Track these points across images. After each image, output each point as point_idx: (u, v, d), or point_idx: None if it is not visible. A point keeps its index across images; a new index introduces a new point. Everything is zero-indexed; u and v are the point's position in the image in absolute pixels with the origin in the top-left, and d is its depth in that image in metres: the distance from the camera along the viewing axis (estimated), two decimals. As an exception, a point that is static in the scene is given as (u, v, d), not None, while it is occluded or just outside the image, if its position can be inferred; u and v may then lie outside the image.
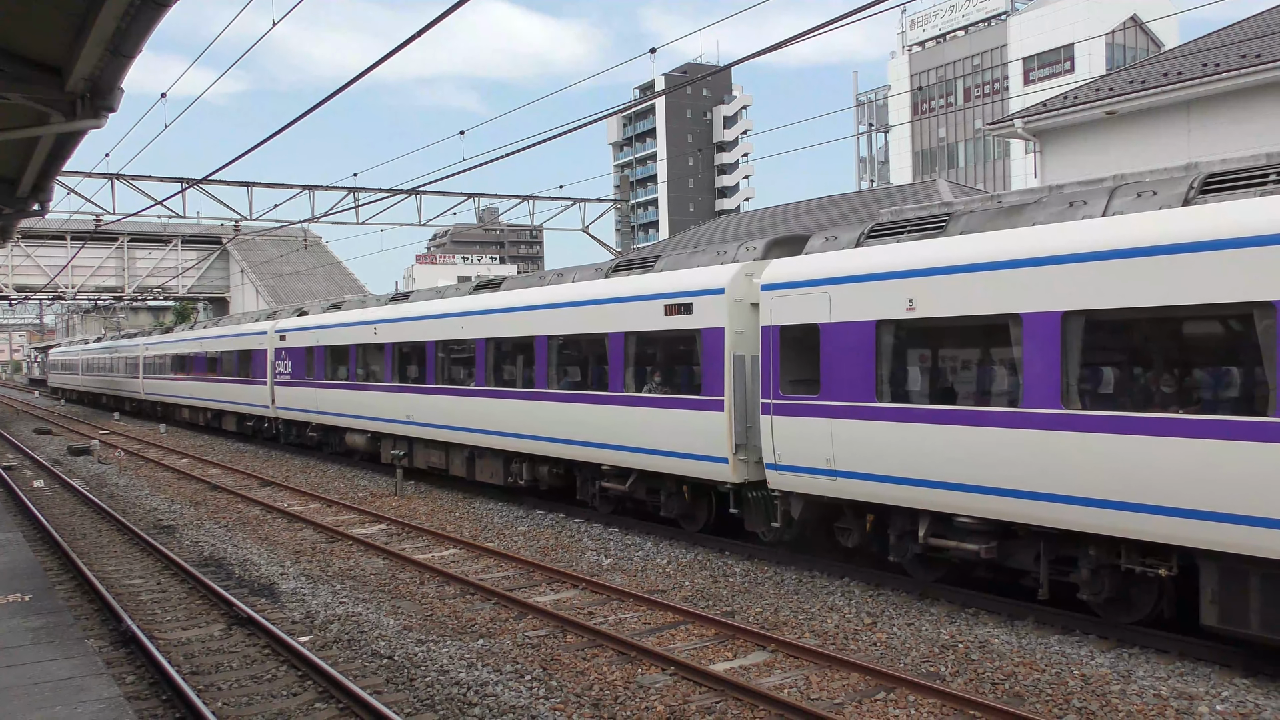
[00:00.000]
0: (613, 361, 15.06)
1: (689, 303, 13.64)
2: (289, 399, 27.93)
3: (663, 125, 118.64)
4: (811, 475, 11.82)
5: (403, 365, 21.68)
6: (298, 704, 8.51)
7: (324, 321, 25.99)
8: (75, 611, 11.21)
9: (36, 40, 8.92)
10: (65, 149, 12.16)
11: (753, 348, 12.90)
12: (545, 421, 16.54)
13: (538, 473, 17.41)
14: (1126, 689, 8.32)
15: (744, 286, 13.11)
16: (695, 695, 8.52)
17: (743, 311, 13.06)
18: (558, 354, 16.59)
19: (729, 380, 12.97)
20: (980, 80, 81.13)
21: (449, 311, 19.75)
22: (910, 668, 9.06)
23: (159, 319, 76.46)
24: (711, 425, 13.22)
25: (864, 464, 11.15)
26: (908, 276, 10.70)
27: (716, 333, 13.18)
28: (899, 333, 10.97)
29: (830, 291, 11.56)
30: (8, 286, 52.41)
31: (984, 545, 10.23)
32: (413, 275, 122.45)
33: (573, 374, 16.54)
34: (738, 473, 13.06)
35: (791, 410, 12.06)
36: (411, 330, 21.14)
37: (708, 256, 14.37)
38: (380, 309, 23.16)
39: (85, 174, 31.06)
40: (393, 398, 21.79)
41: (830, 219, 27.16)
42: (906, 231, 11.40)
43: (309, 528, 16.89)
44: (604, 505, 16.28)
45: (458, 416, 19.22)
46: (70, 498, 21.16)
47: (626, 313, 14.81)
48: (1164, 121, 18.47)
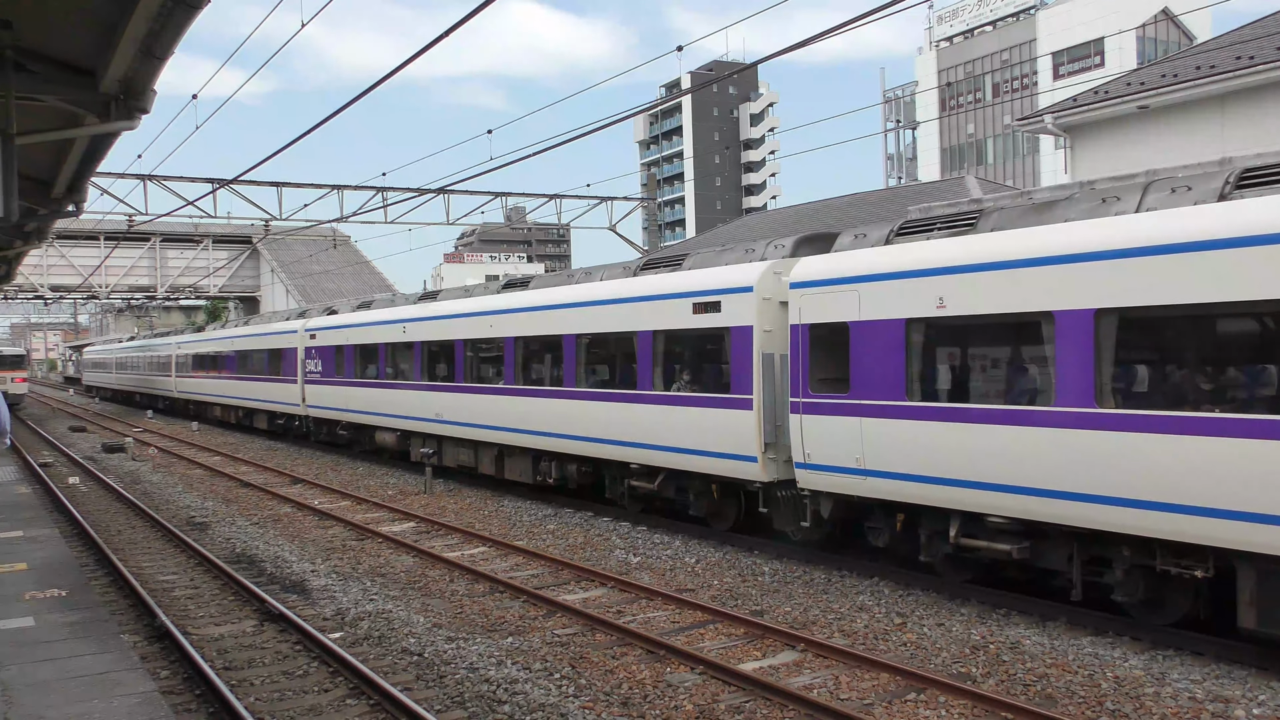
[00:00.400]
0: (641, 360, 15.01)
1: (717, 301, 13.58)
2: (319, 397, 28.05)
3: (689, 123, 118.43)
4: (841, 474, 11.76)
5: (432, 364, 21.68)
6: (329, 700, 8.58)
7: (353, 320, 26.06)
8: (111, 607, 11.35)
9: (70, 43, 9.03)
10: (99, 150, 12.30)
11: (781, 346, 12.80)
12: (573, 420, 16.51)
13: (566, 471, 17.40)
14: (1161, 691, 8.23)
15: (773, 285, 13.02)
16: (724, 694, 8.51)
17: (771, 310, 12.97)
18: (586, 352, 16.54)
19: (758, 379, 12.90)
20: (1009, 75, 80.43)
21: (477, 310, 19.74)
22: (941, 668, 9.00)
23: (190, 318, 77.22)
24: (740, 424, 13.16)
25: (894, 463, 11.06)
26: (938, 274, 10.61)
27: (745, 331, 13.11)
28: (929, 331, 10.87)
29: (860, 290, 11.48)
30: (43, 286, 53.11)
31: (1016, 545, 10.14)
32: (441, 274, 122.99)
33: (601, 372, 16.51)
34: (767, 472, 12.99)
35: (821, 409, 11.99)
36: (440, 329, 21.16)
37: (736, 255, 14.30)
38: (409, 308, 23.20)
39: (118, 175, 31.40)
40: (422, 396, 21.81)
41: (858, 217, 27.03)
42: (936, 229, 11.32)
43: (339, 525, 17.01)
44: (632, 504, 16.25)
45: (486, 415, 19.21)
46: (105, 494, 21.42)
47: (655, 311, 14.77)
48: (1197, 116, 18.25)
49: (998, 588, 11.14)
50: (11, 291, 51.56)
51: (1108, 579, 9.60)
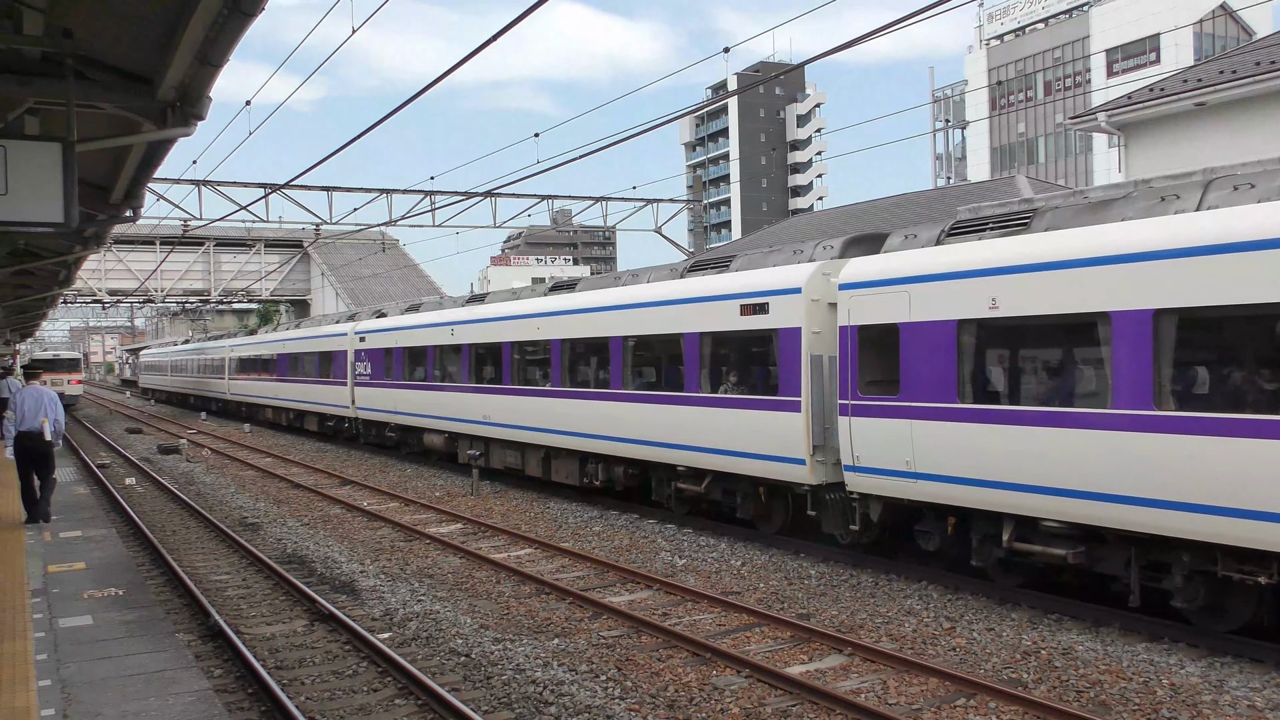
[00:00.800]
0: (688, 362, 14.92)
1: (765, 302, 13.50)
2: (368, 399, 28.21)
3: (735, 125, 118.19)
4: (891, 477, 11.61)
5: (479, 366, 21.73)
6: (378, 700, 8.66)
7: (402, 323, 26.18)
8: (166, 606, 11.55)
9: (129, 51, 9.20)
10: (156, 157, 12.51)
11: (830, 348, 12.67)
12: (620, 422, 16.47)
13: (613, 473, 17.39)
14: (1219, 699, 8.05)
15: (821, 286, 12.90)
16: (770, 698, 8.46)
17: (820, 311, 12.86)
18: (633, 354, 16.49)
19: (806, 381, 12.77)
20: (1061, 73, 79.26)
21: (525, 313, 19.74)
22: (991, 674, 8.88)
23: (243, 321, 78.43)
24: (788, 426, 13.06)
25: (945, 466, 10.91)
26: (990, 275, 10.46)
27: (793, 333, 13.00)
28: (981, 332, 10.72)
29: (910, 290, 11.34)
30: (101, 290, 54.31)
31: (1071, 550, 9.93)
32: (488, 277, 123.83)
33: (648, 374, 16.46)
34: (815, 474, 12.88)
35: (870, 411, 11.86)
36: (488, 331, 21.19)
37: (784, 256, 14.17)
38: (457, 310, 23.31)
39: (174, 180, 31.93)
40: (469, 398, 21.84)
41: (905, 218, 26.78)
42: (988, 229, 11.17)
43: (388, 526, 17.18)
44: (679, 506, 16.17)
45: (534, 417, 19.20)
46: (160, 495, 21.82)
47: (702, 313, 14.69)
48: (1256, 113, 17.85)
49: (1051, 592, 10.95)
50: (71, 296, 52.74)
51: (1166, 584, 9.40)
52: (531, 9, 8.76)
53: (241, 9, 7.40)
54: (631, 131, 14.86)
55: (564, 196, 40.10)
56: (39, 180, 7.94)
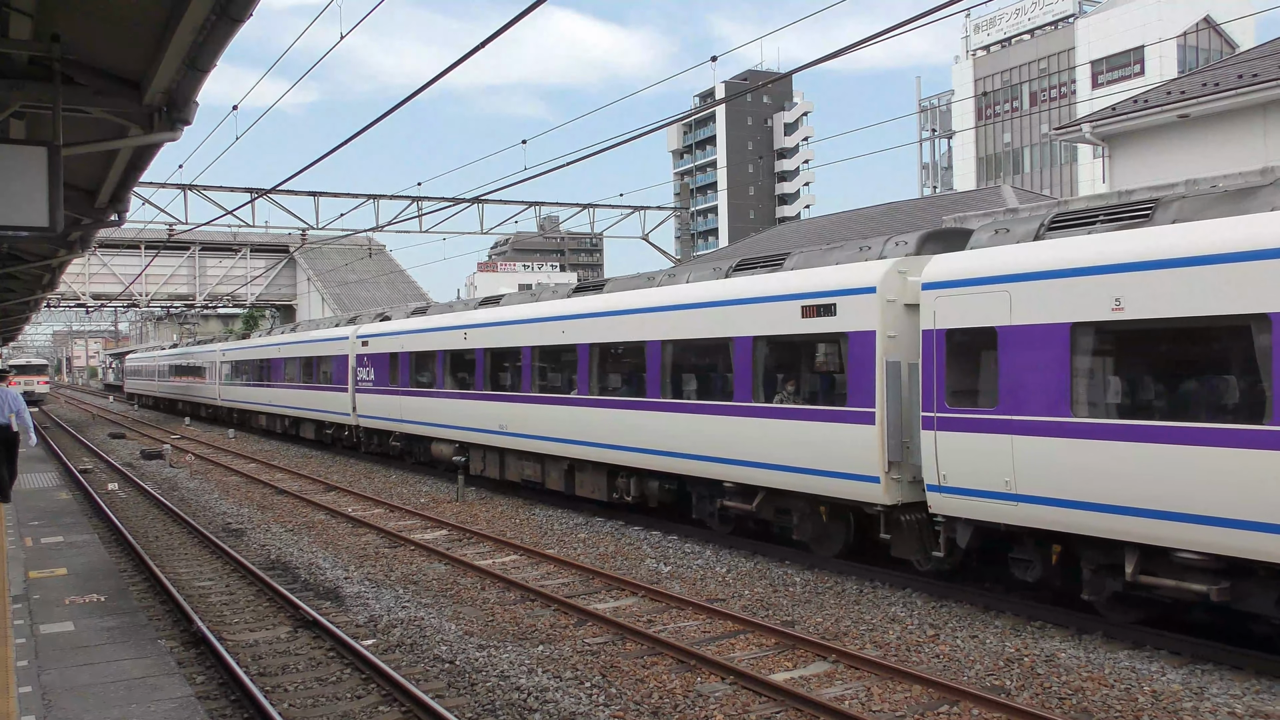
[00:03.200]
0: (738, 368, 13.75)
1: (832, 303, 12.36)
2: (371, 407, 26.97)
3: (723, 132, 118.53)
4: (985, 499, 10.40)
5: (495, 372, 20.51)
6: (361, 707, 8.64)
7: (409, 327, 24.87)
8: (148, 612, 11.49)
9: (116, 56, 9.19)
10: (142, 161, 12.49)
11: (908, 353, 11.56)
12: (657, 433, 15.32)
13: (646, 488, 16.22)
14: (1200, 706, 8.11)
15: (897, 285, 11.76)
16: (755, 705, 8.48)
17: (895, 313, 11.72)
18: (672, 360, 15.30)
19: (881, 390, 11.58)
20: (1046, 84, 79.79)
21: (547, 315, 18.57)
22: (974, 681, 8.92)
23: (228, 326, 78.13)
24: (859, 440, 11.85)
25: (1055, 487, 9.73)
26: (1114, 272, 9.30)
27: (866, 337, 11.83)
28: (1102, 337, 9.59)
29: (1010, 290, 10.19)
30: (85, 294, 54.04)
31: (1214, 586, 8.75)
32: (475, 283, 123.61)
33: (689, 382, 15.28)
34: (890, 494, 11.64)
35: (960, 425, 10.68)
36: (506, 335, 20.01)
37: (847, 253, 13.06)
38: (470, 313, 22.10)
39: (159, 185, 31.88)
40: (484, 406, 20.60)
41: (892, 226, 26.94)
42: (1099, 221, 10.07)
43: (372, 532, 17.13)
44: (722, 526, 15.06)
45: (557, 427, 18.00)
46: (143, 500, 21.71)
47: (754, 315, 13.53)
48: (1239, 125, 18.03)
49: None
50: (54, 299, 52.48)
51: None
52: (520, 15, 8.80)
53: (230, 14, 7.41)
54: (619, 139, 14.90)
55: (551, 203, 40.10)
56: (24, 183, 7.91)
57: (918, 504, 11.52)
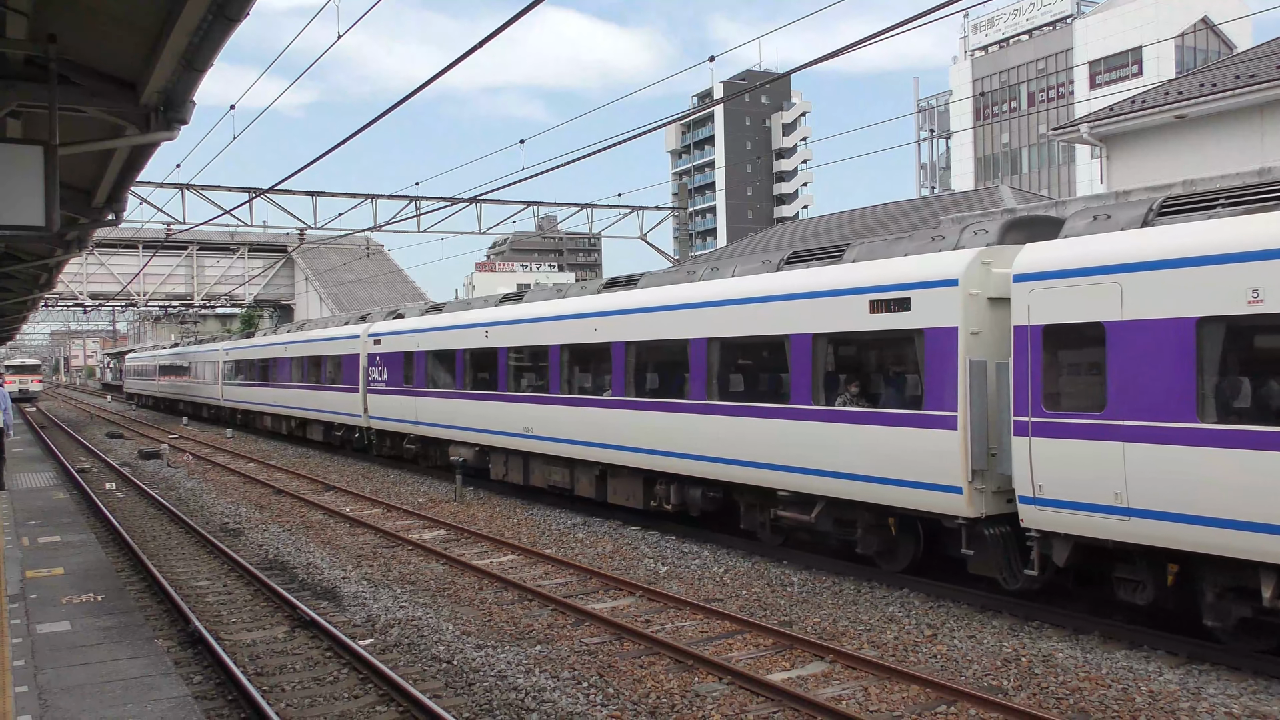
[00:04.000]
0: (795, 368, 12.79)
1: (905, 298, 11.37)
2: (383, 408, 25.87)
3: (721, 133, 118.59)
4: (1090, 513, 9.47)
5: (520, 372, 19.58)
6: (359, 706, 8.63)
7: (425, 325, 23.83)
8: (145, 612, 11.48)
9: (113, 56, 9.19)
10: (139, 160, 12.48)
11: (994, 352, 10.65)
12: (702, 437, 14.38)
13: (688, 496, 15.30)
14: (1196, 706, 8.11)
15: (981, 277, 10.81)
16: (752, 705, 8.48)
17: (979, 307, 10.79)
18: (719, 359, 14.32)
19: (964, 392, 10.62)
20: (1044, 85, 79.86)
21: (577, 312, 17.59)
22: (972, 681, 8.93)
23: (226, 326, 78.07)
24: (938, 447, 10.91)
25: (1176, 501, 8.80)
26: (1251, 260, 8.37)
27: (946, 334, 10.86)
28: (1236, 333, 8.67)
29: (1122, 281, 9.24)
30: (83, 294, 54.01)
31: None
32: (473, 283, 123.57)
33: (737, 382, 14.39)
34: (974, 505, 10.65)
35: (1061, 431, 9.72)
36: (531, 333, 19.00)
37: (917, 243, 12.17)
38: (492, 310, 21.16)
39: (157, 184, 31.85)
40: (507, 408, 19.60)
41: (892, 226, 26.95)
42: (1219, 205, 9.31)
43: (370, 532, 17.12)
44: (773, 537, 14.18)
45: (588, 430, 17.03)
46: (140, 500, 21.69)
47: (813, 311, 12.56)
48: (1236, 125, 18.04)
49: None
50: (51, 299, 52.44)
51: None
52: (517, 16, 8.79)
53: (226, 14, 7.41)
54: (617, 139, 14.89)
55: (549, 203, 40.10)
56: (20, 183, 7.91)
57: (1001, 516, 10.66)
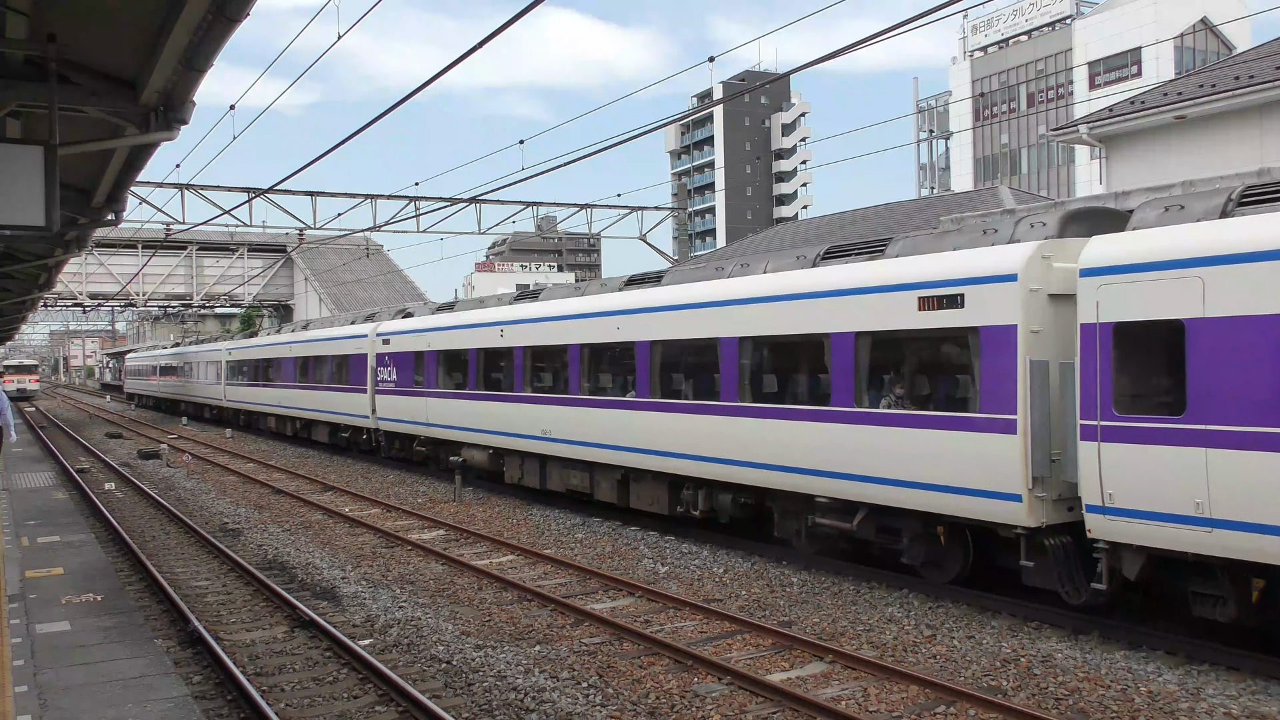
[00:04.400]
0: (836, 369, 12.18)
1: (958, 294, 10.77)
2: (392, 409, 25.25)
3: (720, 133, 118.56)
4: (1167, 524, 8.91)
5: (537, 372, 18.98)
6: (358, 706, 8.63)
7: (436, 324, 23.19)
8: (145, 612, 11.48)
9: (113, 56, 9.19)
10: (139, 160, 12.48)
11: (1056, 351, 10.09)
12: (733, 441, 13.78)
13: (717, 502, 14.64)
14: (1195, 707, 8.12)
15: (1041, 272, 10.22)
16: (752, 705, 8.48)
17: (1040, 304, 10.20)
18: (752, 359, 13.78)
19: (1024, 394, 10.01)
20: (1044, 85, 79.85)
21: (599, 310, 16.92)
22: (971, 681, 8.93)
23: (225, 326, 78.02)
24: (995, 452, 10.29)
25: (1267, 512, 8.24)
26: None
27: (1004, 332, 10.23)
28: None
29: (1204, 275, 8.64)
30: (82, 294, 53.98)
31: None
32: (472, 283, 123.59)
33: (772, 383, 13.73)
34: (1035, 514, 10.04)
35: (1135, 435, 9.13)
36: (550, 332, 18.33)
37: (967, 237, 11.53)
38: (507, 309, 20.49)
39: (156, 184, 31.87)
40: (524, 409, 18.98)
41: (891, 227, 26.95)
42: None
43: (369, 532, 17.12)
44: (810, 545, 13.49)
45: (610, 432, 16.43)
46: (140, 500, 21.69)
47: (854, 308, 11.97)
48: (1235, 126, 18.06)
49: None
50: (51, 299, 52.41)
51: None
52: (519, 15, 8.80)
53: (226, 14, 7.41)
54: (616, 139, 14.84)
55: (549, 203, 40.14)
56: (20, 183, 7.91)
57: (1062, 526, 10.12)
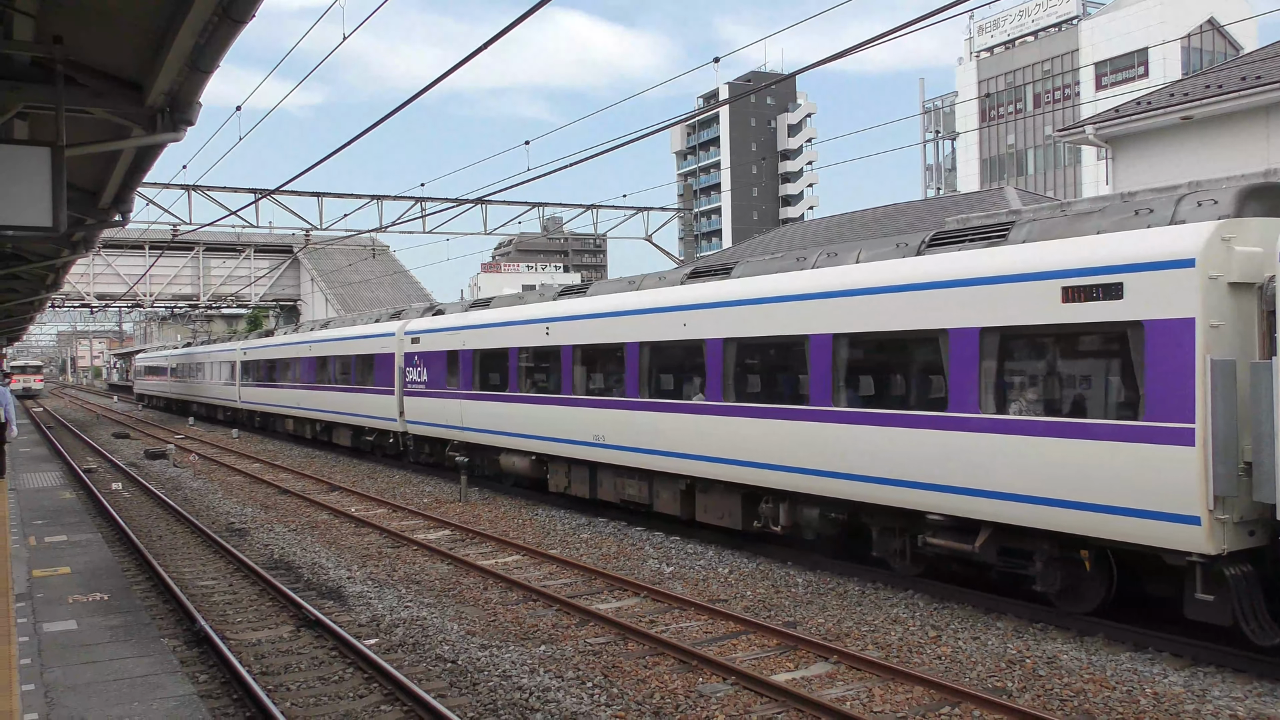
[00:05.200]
0: (955, 369, 10.80)
1: (1115, 283, 9.41)
2: (422, 412, 23.92)
3: (726, 134, 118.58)
4: None
5: (588, 373, 17.63)
6: (364, 706, 8.65)
7: (472, 321, 21.86)
8: (151, 611, 11.52)
9: (119, 57, 9.21)
10: (145, 161, 12.51)
11: (1236, 349, 8.85)
12: (824, 449, 12.40)
13: (802, 517, 13.24)
14: (1201, 708, 8.10)
15: (1223, 257, 8.87)
16: (756, 705, 8.49)
17: (1220, 295, 8.86)
18: (847, 358, 12.34)
19: (1204, 399, 8.68)
20: (1050, 86, 79.71)
21: (661, 305, 15.55)
22: (976, 682, 8.92)
23: (232, 326, 78.16)
24: (1166, 466, 8.95)
25: None
26: None
27: (1176, 327, 8.88)
28: None
29: None
30: (89, 294, 54.14)
31: None
32: (478, 284, 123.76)
33: (869, 385, 12.46)
34: (1215, 539, 8.67)
35: None
36: (603, 330, 16.90)
37: (1113, 218, 10.05)
38: (552, 305, 19.15)
39: (163, 185, 31.97)
40: (573, 413, 17.64)
41: (896, 228, 26.93)
42: None
43: (375, 532, 17.15)
44: (911, 565, 12.14)
45: (675, 439, 15.07)
46: (146, 500, 21.74)
47: (979, 300, 10.59)
48: (1243, 127, 18.01)
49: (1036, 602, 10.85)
50: (58, 300, 52.56)
51: None
52: (525, 15, 8.81)
53: (231, 16, 7.43)
54: (622, 140, 14.85)
55: (555, 204, 40.18)
56: (27, 184, 7.94)
57: (1246, 553, 8.87)
